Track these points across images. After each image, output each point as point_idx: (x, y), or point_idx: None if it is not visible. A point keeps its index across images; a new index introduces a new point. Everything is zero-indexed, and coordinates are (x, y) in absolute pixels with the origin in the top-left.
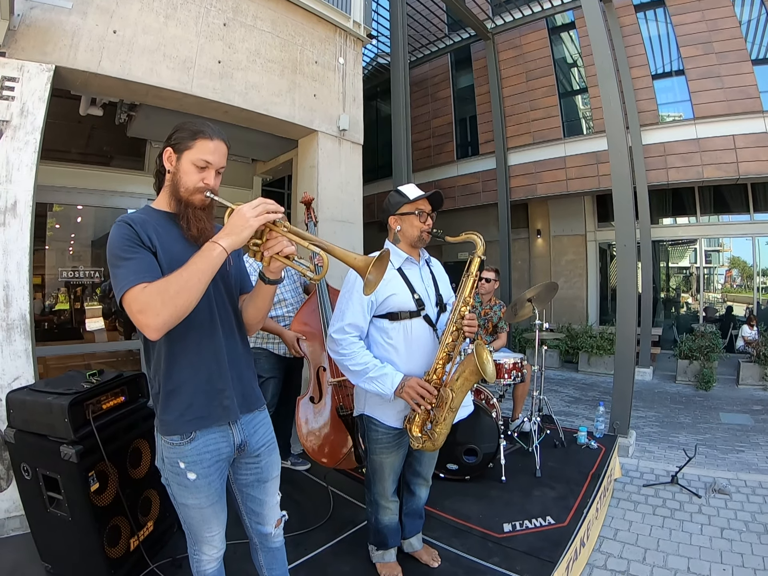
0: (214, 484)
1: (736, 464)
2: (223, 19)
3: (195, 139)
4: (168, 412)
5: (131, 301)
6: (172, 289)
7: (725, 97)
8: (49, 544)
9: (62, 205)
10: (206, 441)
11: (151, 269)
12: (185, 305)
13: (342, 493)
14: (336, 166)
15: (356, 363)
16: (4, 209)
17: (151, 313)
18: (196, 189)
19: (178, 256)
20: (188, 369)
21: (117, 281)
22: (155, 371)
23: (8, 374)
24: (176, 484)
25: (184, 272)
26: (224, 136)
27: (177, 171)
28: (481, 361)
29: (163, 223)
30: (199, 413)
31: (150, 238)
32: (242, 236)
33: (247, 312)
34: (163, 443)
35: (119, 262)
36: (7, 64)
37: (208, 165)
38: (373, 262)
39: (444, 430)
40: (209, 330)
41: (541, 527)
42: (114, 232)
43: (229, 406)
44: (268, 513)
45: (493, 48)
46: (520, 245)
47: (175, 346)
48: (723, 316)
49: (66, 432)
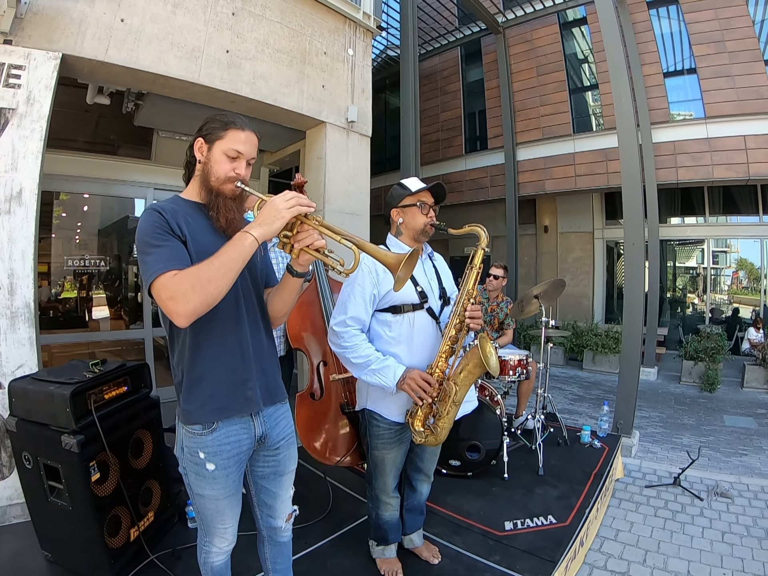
0: (232, 476)
1: (739, 468)
2: (231, 9)
3: (227, 129)
4: (190, 401)
5: (161, 288)
6: (204, 276)
7: (737, 97)
8: (50, 533)
9: (69, 194)
10: (227, 432)
11: (181, 257)
12: (216, 293)
13: (343, 486)
14: (343, 157)
15: (358, 355)
16: (10, 197)
17: (181, 300)
18: (227, 178)
19: (207, 247)
20: (212, 359)
21: (146, 268)
22: (179, 360)
23: (12, 362)
24: (194, 474)
25: (215, 260)
26: (255, 127)
27: (208, 161)
28: (484, 354)
29: (193, 213)
30: (221, 403)
31: (180, 227)
32: (274, 227)
33: (273, 305)
34: (183, 432)
35: (149, 249)
36: (13, 51)
37: (239, 155)
38: (404, 260)
39: (447, 425)
40: (235, 321)
41: (543, 526)
42: (144, 220)
43: (252, 398)
44: (281, 506)
45: (503, 42)
46: (527, 241)
47: (200, 335)
48: (729, 318)
49: (67, 421)
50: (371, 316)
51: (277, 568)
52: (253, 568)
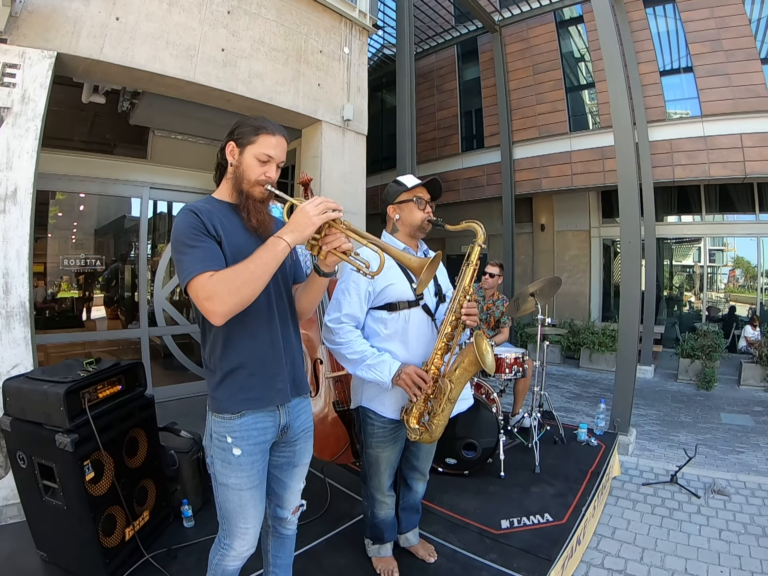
0: (257, 465)
1: (736, 465)
2: (227, 7)
3: (258, 135)
4: (222, 390)
5: (198, 289)
6: (239, 279)
7: (733, 96)
8: (45, 532)
9: (65, 193)
10: (255, 418)
11: (216, 258)
12: (250, 295)
13: (339, 485)
14: (339, 156)
15: (353, 351)
16: (5, 196)
17: (218, 301)
18: (258, 182)
19: (241, 247)
20: (245, 353)
21: (183, 267)
22: (211, 352)
23: (7, 362)
24: (220, 461)
25: (250, 264)
26: (285, 132)
27: (240, 164)
28: (480, 352)
29: (226, 213)
30: (253, 395)
31: (215, 227)
32: (306, 233)
33: (300, 301)
34: (212, 418)
35: (185, 249)
36: (8, 50)
37: (270, 159)
38: (428, 264)
39: (442, 422)
40: (267, 317)
41: (539, 524)
42: (180, 220)
43: (283, 389)
44: (290, 497)
45: (500, 41)
46: (523, 239)
47: (233, 329)
48: (726, 316)
49: (61, 420)
50: (366, 313)
51: (278, 562)
52: (251, 567)
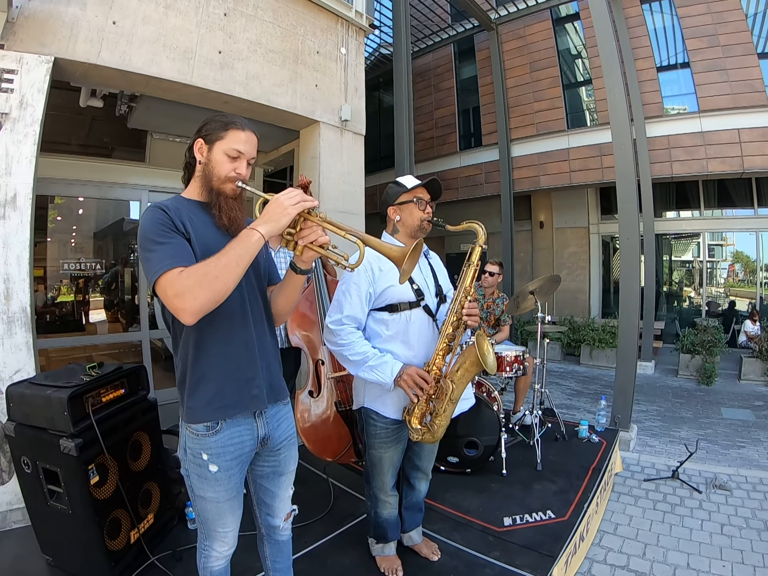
0: (234, 478)
1: (737, 460)
2: (223, 9)
3: (227, 130)
4: (195, 398)
5: (167, 285)
6: (211, 273)
7: (730, 91)
8: (50, 536)
9: (63, 197)
10: (231, 433)
11: (185, 254)
12: (223, 290)
13: (342, 485)
14: (338, 156)
15: (355, 352)
16: (4, 202)
17: (188, 297)
18: (228, 178)
19: (211, 244)
20: (217, 357)
21: (151, 265)
22: (183, 358)
23: (9, 367)
24: (196, 476)
25: (222, 257)
26: (254, 128)
27: (209, 161)
28: (481, 352)
29: (196, 211)
30: (227, 401)
31: (184, 224)
32: (280, 223)
33: (276, 302)
34: (187, 433)
35: (153, 246)
36: (5, 56)
37: (239, 155)
38: (409, 252)
39: (444, 423)
40: (240, 319)
41: (542, 521)
42: (147, 217)
43: (258, 395)
44: (279, 505)
45: (496, 39)
46: (522, 237)
47: (205, 333)
48: (725, 311)
49: (65, 425)
50: (367, 314)
51: (276, 567)
52: (254, 569)
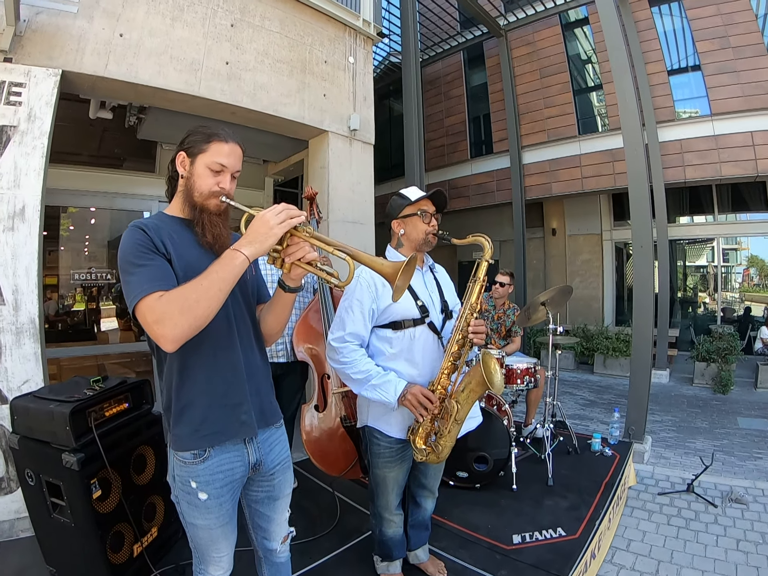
0: (226, 506)
1: (754, 472)
2: (230, 20)
3: (209, 142)
4: (181, 426)
5: (146, 311)
6: (192, 297)
7: (743, 93)
8: (54, 548)
9: (76, 207)
10: (220, 461)
11: (166, 277)
12: (205, 315)
13: (349, 500)
14: (347, 166)
15: (358, 371)
16: (13, 214)
17: (168, 324)
18: (211, 193)
19: (194, 264)
20: (203, 383)
21: (130, 289)
22: (167, 384)
23: (18, 377)
24: (186, 503)
25: (204, 280)
26: (239, 139)
27: (191, 175)
28: (487, 372)
29: (178, 229)
30: (214, 428)
31: (164, 244)
32: (266, 245)
33: (266, 322)
34: (175, 461)
35: (132, 268)
36: (14, 69)
37: (223, 168)
38: (402, 268)
39: (449, 443)
40: (227, 342)
41: (552, 539)
42: (126, 238)
43: (247, 421)
44: (276, 529)
45: (506, 45)
46: (535, 244)
47: (190, 359)
48: (741, 317)
49: (67, 440)
50: (371, 331)
51: None
52: None
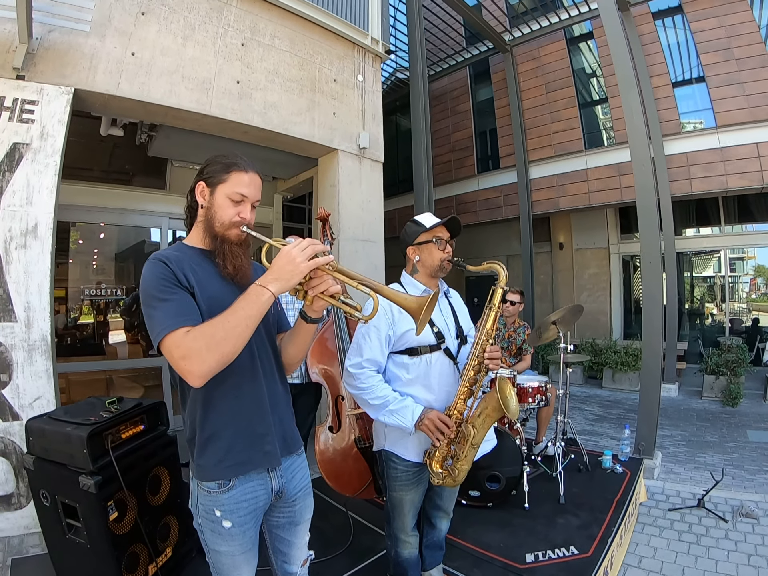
0: (249, 533)
1: (764, 486)
2: (241, 39)
3: (229, 172)
4: (206, 457)
5: (173, 347)
6: (219, 334)
7: (748, 104)
8: (68, 568)
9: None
10: (244, 489)
11: (191, 312)
12: (232, 352)
13: (363, 519)
14: (356, 184)
15: (376, 396)
16: (25, 231)
17: (196, 360)
18: (232, 223)
19: (217, 296)
20: (228, 414)
21: (154, 324)
22: (191, 415)
23: (29, 394)
24: (209, 531)
25: (231, 317)
26: (258, 168)
27: (211, 206)
28: (503, 397)
29: (198, 260)
30: (239, 459)
31: (187, 277)
32: (292, 282)
33: (287, 352)
34: (198, 490)
35: (156, 303)
36: (26, 87)
37: (243, 198)
38: (426, 303)
39: (465, 467)
40: (250, 374)
41: (565, 558)
42: (148, 271)
43: (271, 451)
44: (296, 553)
45: (511, 60)
46: (542, 259)
47: (215, 391)
48: (749, 328)
49: (85, 462)
50: (387, 357)
51: None
52: None
